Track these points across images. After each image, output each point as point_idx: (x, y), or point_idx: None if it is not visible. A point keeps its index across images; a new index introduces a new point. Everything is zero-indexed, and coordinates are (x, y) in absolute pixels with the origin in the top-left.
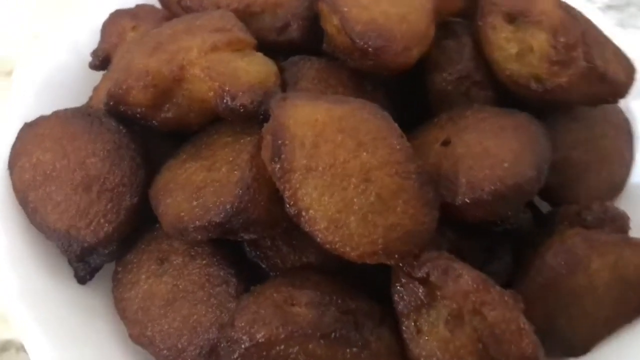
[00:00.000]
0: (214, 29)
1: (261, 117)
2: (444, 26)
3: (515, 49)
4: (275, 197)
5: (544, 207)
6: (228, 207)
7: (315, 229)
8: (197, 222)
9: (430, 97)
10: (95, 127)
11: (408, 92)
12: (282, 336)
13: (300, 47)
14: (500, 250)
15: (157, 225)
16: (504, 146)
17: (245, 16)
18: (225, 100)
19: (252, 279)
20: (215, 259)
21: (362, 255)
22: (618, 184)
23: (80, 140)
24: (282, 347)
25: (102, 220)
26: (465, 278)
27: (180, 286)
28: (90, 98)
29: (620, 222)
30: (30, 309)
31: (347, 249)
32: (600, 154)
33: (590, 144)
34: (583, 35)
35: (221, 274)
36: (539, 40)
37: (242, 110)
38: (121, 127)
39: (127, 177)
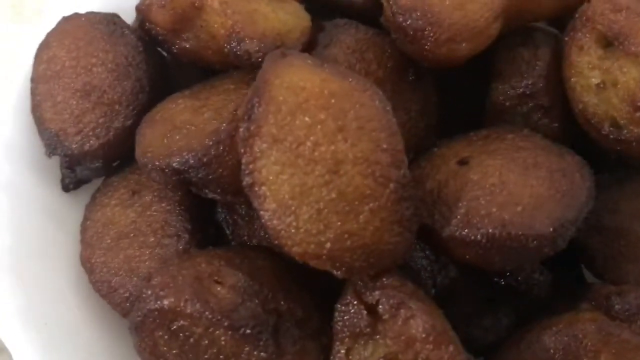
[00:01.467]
0: None
1: None
2: (525, 31)
3: (597, 78)
4: None
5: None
6: (191, 155)
7: (263, 207)
8: (156, 161)
9: (487, 109)
10: (114, 37)
11: (470, 98)
12: (188, 311)
13: (363, 14)
14: (501, 308)
15: None
16: (527, 187)
17: None
18: (232, 42)
19: (213, 243)
20: (178, 208)
21: (304, 254)
22: None
23: (94, 46)
24: (186, 322)
25: (90, 133)
26: (417, 322)
27: (137, 224)
28: None
29: None
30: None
31: (289, 242)
32: None
33: None
34: None
35: (177, 225)
36: (629, 76)
37: (245, 58)
38: (139, 44)
39: (126, 97)
